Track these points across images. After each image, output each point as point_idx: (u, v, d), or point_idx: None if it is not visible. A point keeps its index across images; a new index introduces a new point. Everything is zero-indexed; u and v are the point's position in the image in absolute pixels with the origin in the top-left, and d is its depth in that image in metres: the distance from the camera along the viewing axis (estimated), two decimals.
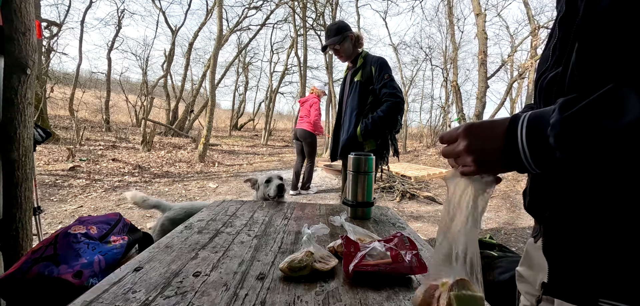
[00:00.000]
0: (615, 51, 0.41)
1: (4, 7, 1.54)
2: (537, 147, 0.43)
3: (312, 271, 0.73)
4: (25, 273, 1.01)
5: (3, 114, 1.56)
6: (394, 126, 2.12)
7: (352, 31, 2.22)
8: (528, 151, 0.44)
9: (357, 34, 2.24)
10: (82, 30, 12.96)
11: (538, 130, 0.43)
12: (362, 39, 2.25)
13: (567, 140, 0.39)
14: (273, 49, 19.04)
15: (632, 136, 0.34)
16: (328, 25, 2.28)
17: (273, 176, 1.65)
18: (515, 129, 0.45)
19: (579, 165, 0.40)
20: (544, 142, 0.42)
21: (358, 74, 2.16)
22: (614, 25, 0.41)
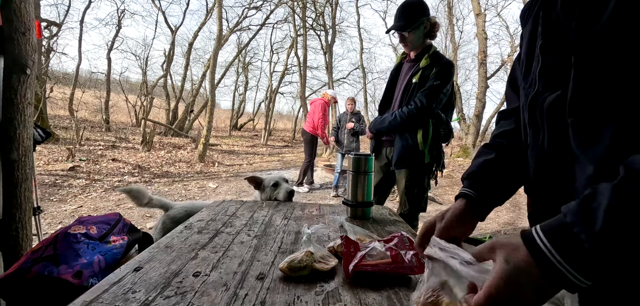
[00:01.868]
0: (617, 70, 0.41)
1: (4, 7, 1.54)
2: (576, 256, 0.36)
3: (312, 271, 0.73)
4: (25, 273, 1.01)
5: (3, 114, 1.56)
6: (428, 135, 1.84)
7: (430, 17, 1.82)
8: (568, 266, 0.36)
9: (434, 20, 1.83)
10: (82, 30, 12.98)
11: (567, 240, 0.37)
12: (437, 28, 1.86)
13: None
14: (273, 49, 19.06)
15: None
16: (402, 3, 1.85)
17: (280, 179, 1.62)
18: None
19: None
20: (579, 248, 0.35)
21: (418, 75, 1.82)
22: (613, 45, 0.41)
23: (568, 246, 0.36)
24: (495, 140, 0.72)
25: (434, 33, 1.86)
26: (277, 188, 1.60)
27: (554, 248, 0.36)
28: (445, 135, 1.91)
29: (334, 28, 13.36)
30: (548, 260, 0.37)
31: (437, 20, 1.86)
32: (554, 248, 0.36)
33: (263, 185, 1.65)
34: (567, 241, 0.36)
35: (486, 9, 10.97)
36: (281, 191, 1.57)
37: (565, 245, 0.36)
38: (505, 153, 0.69)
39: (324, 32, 14.15)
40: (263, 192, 1.64)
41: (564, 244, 0.36)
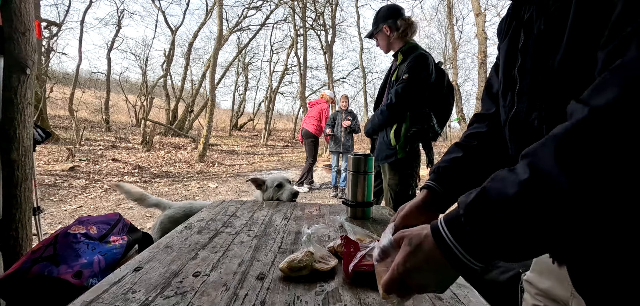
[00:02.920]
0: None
1: (4, 7, 1.54)
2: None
3: (312, 271, 0.73)
4: (25, 273, 1.01)
5: (3, 114, 1.55)
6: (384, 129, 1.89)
7: (391, 22, 1.89)
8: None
9: (402, 24, 1.88)
10: (82, 30, 12.97)
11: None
12: (408, 30, 1.89)
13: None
14: (273, 49, 19.08)
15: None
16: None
17: (283, 180, 1.63)
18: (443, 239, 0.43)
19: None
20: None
21: (395, 72, 1.89)
22: (569, 79, 0.45)
23: (458, 230, 0.41)
24: (466, 140, 0.75)
25: (407, 31, 1.89)
26: (280, 189, 1.61)
27: (449, 231, 0.42)
28: (422, 131, 1.85)
29: (333, 28, 13.35)
30: (444, 240, 0.42)
31: (410, 19, 1.90)
32: (449, 231, 0.42)
33: (265, 185, 1.65)
34: (458, 226, 0.41)
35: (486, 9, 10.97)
36: (285, 192, 1.59)
37: (456, 229, 0.41)
38: (474, 153, 0.73)
39: (324, 32, 14.16)
40: (265, 192, 1.65)
41: (456, 228, 0.41)
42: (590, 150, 0.33)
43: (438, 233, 0.43)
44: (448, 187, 0.71)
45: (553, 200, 0.35)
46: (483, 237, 0.39)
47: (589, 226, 0.35)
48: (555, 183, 0.34)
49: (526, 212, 0.36)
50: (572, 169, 0.34)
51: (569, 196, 0.34)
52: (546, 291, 0.60)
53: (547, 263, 0.59)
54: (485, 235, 0.39)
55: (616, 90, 0.33)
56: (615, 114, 0.32)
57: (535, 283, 0.63)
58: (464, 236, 0.40)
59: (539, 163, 0.36)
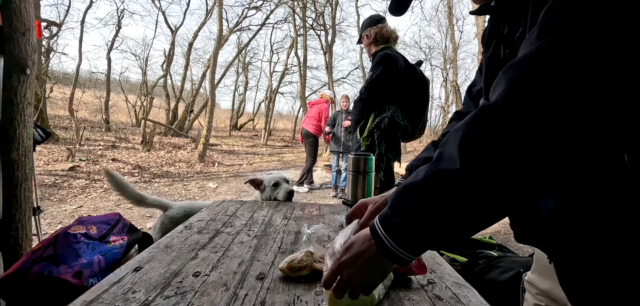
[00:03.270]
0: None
1: (4, 7, 1.54)
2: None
3: (312, 272, 0.73)
4: (25, 273, 1.01)
5: (3, 114, 1.55)
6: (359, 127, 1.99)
7: (368, 30, 2.05)
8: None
9: (373, 32, 2.02)
10: (82, 30, 12.96)
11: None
12: (378, 36, 2.01)
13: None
14: (273, 49, 19.06)
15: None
16: None
17: (280, 179, 1.63)
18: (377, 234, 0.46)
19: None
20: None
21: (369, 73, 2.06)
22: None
23: (387, 223, 0.44)
24: (443, 139, 0.76)
25: (377, 38, 2.04)
26: (277, 188, 1.61)
27: (381, 225, 0.45)
28: (381, 124, 1.92)
29: (333, 28, 13.35)
30: (378, 234, 0.45)
31: (383, 28, 2.05)
32: (381, 225, 0.45)
33: (263, 185, 1.66)
34: (387, 219, 0.45)
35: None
36: (281, 191, 1.59)
37: (386, 223, 0.45)
38: None
39: (324, 32, 14.15)
40: (263, 192, 1.65)
41: (386, 221, 0.45)
42: (482, 136, 0.38)
43: (373, 228, 0.46)
44: None
45: (448, 180, 0.39)
46: (406, 226, 0.42)
47: (482, 207, 0.39)
48: (451, 166, 0.39)
49: (431, 195, 0.40)
50: (466, 152, 0.38)
51: (461, 176, 0.38)
52: (547, 292, 0.60)
53: (547, 264, 0.59)
54: (406, 223, 0.42)
55: (503, 86, 0.38)
56: (501, 107, 0.37)
57: (536, 284, 0.64)
58: (392, 229, 0.44)
59: (445, 150, 0.41)
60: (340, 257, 0.51)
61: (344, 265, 0.50)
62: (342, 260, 0.50)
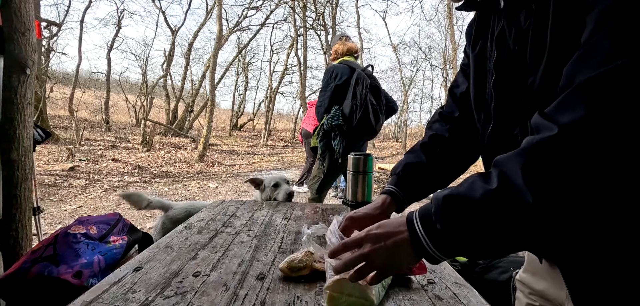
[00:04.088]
0: None
1: (4, 7, 1.53)
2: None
3: (312, 272, 0.73)
4: (25, 273, 1.01)
5: (3, 114, 1.55)
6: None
7: (332, 47, 2.45)
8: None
9: (335, 49, 2.41)
10: (82, 30, 12.96)
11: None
12: (333, 52, 2.38)
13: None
14: (273, 49, 19.07)
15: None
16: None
17: (281, 180, 1.63)
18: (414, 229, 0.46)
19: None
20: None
21: None
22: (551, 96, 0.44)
23: (429, 226, 0.44)
24: (430, 144, 0.77)
25: (337, 54, 2.39)
26: (277, 188, 1.61)
27: (422, 226, 0.45)
28: (324, 125, 2.24)
29: (334, 28, 13.35)
30: (414, 227, 0.46)
31: (336, 43, 2.41)
32: (422, 226, 0.45)
33: (263, 185, 1.66)
34: (430, 222, 0.44)
35: None
36: (281, 192, 1.59)
37: (428, 225, 0.44)
38: (436, 161, 0.75)
39: (324, 32, 14.16)
40: (263, 192, 1.65)
41: (427, 224, 0.44)
42: (557, 168, 0.35)
43: (412, 226, 0.46)
44: (408, 192, 0.74)
45: (517, 213, 0.37)
46: (450, 235, 0.42)
47: (550, 237, 0.37)
48: (521, 199, 0.36)
49: (490, 218, 0.39)
50: (539, 187, 0.35)
51: (534, 212, 0.36)
52: (542, 293, 0.60)
53: (538, 263, 0.59)
54: (451, 233, 0.42)
55: (582, 108, 0.34)
56: (582, 133, 0.34)
57: (529, 284, 0.63)
58: (434, 233, 0.44)
59: (508, 175, 0.38)
60: (369, 229, 0.50)
61: (371, 238, 0.49)
62: (371, 232, 0.49)
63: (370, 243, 0.49)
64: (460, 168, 0.76)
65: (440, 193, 0.44)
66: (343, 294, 0.58)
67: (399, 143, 17.58)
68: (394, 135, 22.87)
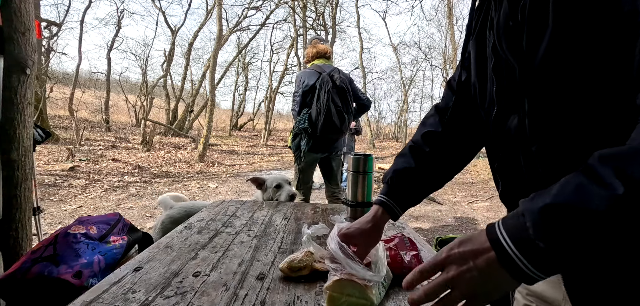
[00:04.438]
0: (565, 101, 0.42)
1: (4, 7, 1.53)
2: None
3: (312, 271, 0.73)
4: (25, 273, 1.01)
5: (3, 114, 1.55)
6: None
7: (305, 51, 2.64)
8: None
9: (306, 53, 2.58)
10: (82, 30, 12.96)
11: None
12: (311, 56, 2.51)
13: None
14: (273, 49, 19.07)
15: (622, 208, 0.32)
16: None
17: (283, 181, 1.64)
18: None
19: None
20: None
21: None
22: (554, 77, 0.42)
23: (528, 247, 0.36)
24: (420, 144, 0.73)
25: (309, 56, 2.51)
26: (279, 189, 1.61)
27: (517, 249, 0.37)
28: (300, 131, 2.36)
29: (334, 28, 13.36)
30: (510, 258, 0.37)
31: (311, 49, 2.52)
32: (517, 249, 0.37)
33: (265, 185, 1.66)
34: (528, 242, 0.36)
35: None
36: (283, 193, 1.59)
37: (526, 246, 0.36)
38: (426, 162, 0.71)
39: (324, 32, 14.15)
40: (265, 192, 1.65)
41: (525, 244, 0.36)
42: None
43: (499, 246, 0.38)
44: (402, 200, 0.71)
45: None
46: (559, 254, 0.35)
47: None
48: None
49: (618, 230, 0.32)
50: None
51: None
52: (540, 294, 0.60)
53: None
54: (561, 251, 0.34)
55: None
56: None
57: (526, 285, 0.63)
58: (535, 252, 0.36)
59: (635, 174, 0.32)
60: (450, 248, 0.42)
61: (455, 258, 0.41)
62: (453, 252, 0.41)
63: (455, 264, 0.41)
64: (455, 165, 0.73)
65: (532, 205, 0.36)
66: (343, 294, 0.58)
67: (399, 143, 17.57)
68: (394, 135, 22.86)
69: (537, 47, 0.43)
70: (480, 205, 4.82)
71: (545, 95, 0.44)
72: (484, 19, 0.57)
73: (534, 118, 0.46)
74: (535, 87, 0.45)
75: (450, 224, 3.87)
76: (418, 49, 18.69)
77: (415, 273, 0.44)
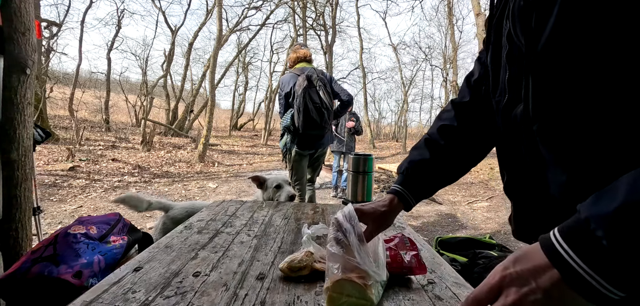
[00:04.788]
0: (569, 81, 0.41)
1: (4, 7, 1.53)
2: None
3: (312, 271, 0.73)
4: (25, 273, 1.01)
5: (3, 114, 1.55)
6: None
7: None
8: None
9: (289, 58, 2.78)
10: (82, 30, 12.96)
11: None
12: (292, 60, 2.70)
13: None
14: (273, 49, 19.08)
15: None
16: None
17: (283, 182, 1.64)
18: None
19: None
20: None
21: None
22: (558, 58, 0.42)
23: (603, 262, 0.31)
24: (436, 136, 0.74)
25: (291, 61, 2.71)
26: (279, 190, 1.62)
27: (589, 266, 0.31)
28: (284, 129, 2.57)
29: (334, 28, 13.36)
30: (581, 277, 0.31)
31: (291, 53, 2.74)
32: (589, 266, 0.31)
33: (266, 185, 1.66)
34: (602, 257, 0.31)
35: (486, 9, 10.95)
36: (283, 194, 1.60)
37: (600, 261, 0.31)
38: (441, 155, 0.72)
39: (324, 32, 14.16)
40: (265, 192, 1.66)
41: (599, 260, 0.31)
42: None
43: (563, 263, 0.33)
44: (415, 191, 0.72)
45: None
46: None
47: None
48: None
49: None
50: None
51: None
52: None
53: None
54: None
55: None
56: None
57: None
58: (613, 267, 0.31)
59: None
60: (504, 268, 0.37)
61: (513, 279, 0.35)
62: (508, 272, 0.36)
63: (514, 287, 0.35)
64: (469, 160, 0.73)
65: (599, 208, 0.32)
66: (343, 294, 0.58)
67: (399, 143, 17.58)
68: (394, 135, 22.86)
69: (544, 25, 0.43)
70: (480, 205, 4.82)
71: (549, 73, 0.43)
72: (502, 11, 0.58)
73: (537, 96, 0.45)
74: (540, 65, 0.44)
75: (450, 224, 3.87)
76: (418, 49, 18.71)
77: (469, 303, 0.39)
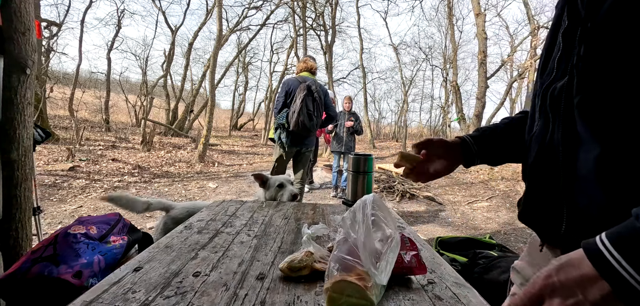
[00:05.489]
0: (620, 53, 0.41)
1: (4, 7, 1.53)
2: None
3: (312, 272, 0.73)
4: (25, 273, 1.01)
5: (3, 114, 1.55)
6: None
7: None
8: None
9: (297, 67, 3.15)
10: (82, 30, 12.94)
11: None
12: (300, 69, 3.08)
13: None
14: (273, 49, 19.08)
15: None
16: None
17: (285, 181, 1.64)
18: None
19: None
20: None
21: None
22: (615, 29, 0.41)
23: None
24: (507, 119, 0.78)
25: (299, 69, 3.10)
26: (281, 189, 1.62)
27: (625, 260, 0.29)
28: (279, 125, 2.90)
29: (333, 28, 13.36)
30: (622, 279, 0.29)
31: (301, 64, 3.11)
32: (625, 260, 0.29)
33: (268, 183, 1.66)
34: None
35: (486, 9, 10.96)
36: (286, 193, 1.60)
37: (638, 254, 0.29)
38: (511, 129, 0.75)
39: (324, 32, 14.16)
40: (267, 191, 1.66)
41: (637, 254, 0.29)
42: None
43: (621, 281, 0.30)
44: (480, 146, 0.74)
45: None
46: None
47: None
48: None
49: None
50: None
51: None
52: (523, 273, 0.61)
53: (539, 252, 0.59)
54: None
55: None
56: None
57: (525, 274, 0.63)
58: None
59: None
60: (547, 275, 0.34)
61: (555, 288, 0.33)
62: (551, 280, 0.33)
63: (558, 297, 0.33)
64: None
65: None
66: (343, 294, 0.58)
67: (399, 143, 17.58)
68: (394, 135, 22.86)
69: (596, 14, 0.43)
70: (480, 205, 4.82)
71: (603, 42, 0.43)
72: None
73: (585, 66, 0.45)
74: (596, 33, 0.44)
75: (450, 224, 3.87)
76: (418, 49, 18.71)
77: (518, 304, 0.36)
